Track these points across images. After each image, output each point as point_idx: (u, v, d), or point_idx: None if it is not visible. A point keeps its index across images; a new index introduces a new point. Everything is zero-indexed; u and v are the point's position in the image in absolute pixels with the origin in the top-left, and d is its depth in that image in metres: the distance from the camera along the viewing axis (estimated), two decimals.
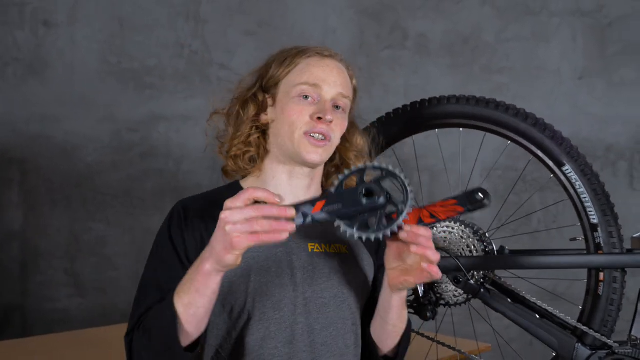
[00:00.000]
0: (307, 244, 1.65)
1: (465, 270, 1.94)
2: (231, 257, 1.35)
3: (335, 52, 1.71)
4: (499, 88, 4.07)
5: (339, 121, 1.65)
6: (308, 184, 1.70)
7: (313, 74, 1.64)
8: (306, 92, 1.63)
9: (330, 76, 1.65)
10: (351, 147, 1.76)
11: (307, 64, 1.66)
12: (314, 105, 1.63)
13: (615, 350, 1.86)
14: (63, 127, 3.98)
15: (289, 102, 1.64)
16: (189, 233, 1.62)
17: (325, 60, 1.67)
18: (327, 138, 1.63)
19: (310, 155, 1.62)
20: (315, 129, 1.61)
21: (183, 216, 1.65)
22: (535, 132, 1.95)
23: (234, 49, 4.11)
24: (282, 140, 1.65)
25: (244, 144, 1.68)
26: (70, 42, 3.98)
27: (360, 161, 1.75)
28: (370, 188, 1.40)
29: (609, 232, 1.90)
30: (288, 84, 1.65)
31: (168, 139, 4.09)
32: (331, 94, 1.64)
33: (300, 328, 1.60)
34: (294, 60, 1.67)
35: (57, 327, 3.92)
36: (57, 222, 4.00)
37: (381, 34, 4.20)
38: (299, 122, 1.62)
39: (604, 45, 4.07)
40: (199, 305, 1.44)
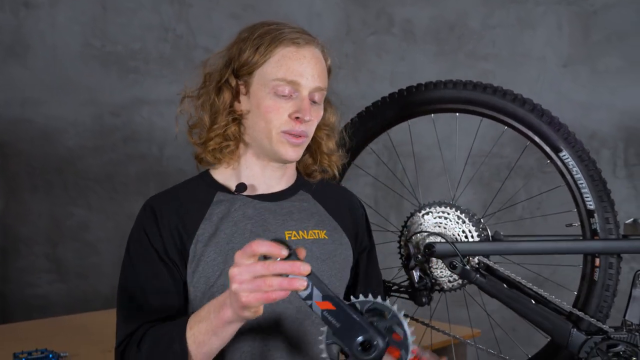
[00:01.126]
0: (284, 232, 1.62)
1: (461, 256, 1.93)
2: (248, 314, 1.32)
3: (310, 36, 1.63)
4: (484, 74, 4.07)
5: (316, 114, 1.61)
6: (282, 174, 1.67)
7: (290, 68, 1.56)
8: (283, 89, 1.56)
9: (307, 69, 1.57)
10: (323, 126, 1.70)
11: (283, 55, 1.57)
12: (292, 102, 1.57)
13: (610, 335, 1.86)
14: (44, 110, 3.92)
15: (264, 98, 1.57)
16: (166, 230, 1.57)
17: (302, 51, 1.58)
18: (305, 135, 1.59)
19: (289, 154, 1.59)
20: (293, 129, 1.57)
21: (157, 215, 1.58)
22: (532, 118, 1.94)
23: (218, 32, 4.07)
24: (259, 135, 1.60)
25: (222, 137, 1.61)
26: (51, 24, 3.92)
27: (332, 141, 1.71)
28: (370, 340, 1.28)
29: (606, 218, 1.89)
30: (263, 75, 1.58)
31: (151, 123, 4.05)
32: (308, 89, 1.58)
33: (277, 316, 1.58)
34: (269, 49, 1.57)
35: (38, 313, 3.88)
36: (38, 207, 3.95)
37: (367, 20, 4.18)
38: (277, 121, 1.57)
39: (588, 33, 4.08)
40: (214, 347, 1.42)
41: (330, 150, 1.72)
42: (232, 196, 1.63)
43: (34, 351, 2.26)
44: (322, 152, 1.72)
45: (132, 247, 1.60)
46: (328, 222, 1.69)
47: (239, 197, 1.63)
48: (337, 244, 1.68)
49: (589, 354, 1.87)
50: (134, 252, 1.59)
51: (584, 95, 4.09)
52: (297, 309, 1.59)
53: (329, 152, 1.72)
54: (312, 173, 1.73)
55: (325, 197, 1.73)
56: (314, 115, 1.59)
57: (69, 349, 2.37)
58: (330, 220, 1.70)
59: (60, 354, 2.27)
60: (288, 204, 1.66)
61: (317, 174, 1.73)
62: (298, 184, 1.71)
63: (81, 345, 2.45)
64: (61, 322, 2.91)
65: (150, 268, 1.56)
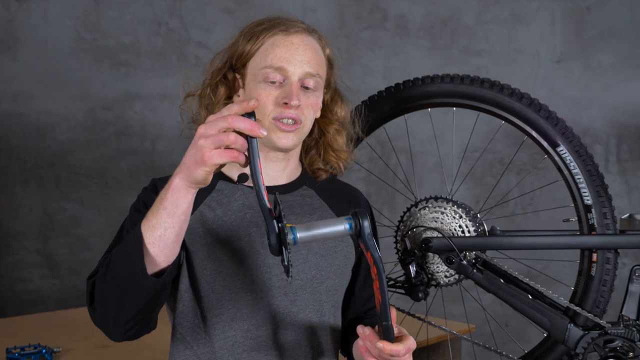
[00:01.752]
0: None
1: (458, 251, 1.93)
2: (201, 173, 1.27)
3: (303, 23, 1.63)
4: (477, 70, 4.07)
5: (309, 101, 1.60)
6: (283, 166, 1.67)
7: (277, 55, 1.57)
8: (271, 76, 1.57)
9: (295, 55, 1.57)
10: (331, 120, 1.71)
11: (271, 44, 1.58)
12: (280, 89, 1.57)
13: (607, 330, 1.86)
14: (36, 105, 3.89)
15: (255, 87, 1.59)
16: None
17: (290, 38, 1.58)
18: (297, 122, 1.58)
19: (281, 140, 1.58)
20: (283, 115, 1.56)
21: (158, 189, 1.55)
22: (530, 112, 1.94)
23: (211, 27, 4.05)
24: None
25: None
26: (43, 18, 3.89)
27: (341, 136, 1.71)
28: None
29: (603, 213, 1.90)
30: (254, 66, 1.60)
31: (144, 117, 4.03)
32: (297, 74, 1.57)
33: (273, 310, 1.58)
34: (259, 39, 1.59)
35: (29, 309, 3.86)
36: (29, 201, 3.92)
37: (361, 14, 4.17)
38: (266, 109, 1.57)
39: (582, 29, 4.09)
40: (167, 226, 1.34)
41: (339, 146, 1.71)
42: (233, 185, 1.64)
43: (26, 346, 2.25)
44: (330, 148, 1.71)
45: (129, 214, 1.61)
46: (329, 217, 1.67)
47: (239, 187, 1.63)
48: (338, 240, 1.67)
49: (586, 349, 1.87)
50: (129, 216, 1.60)
51: (577, 91, 4.09)
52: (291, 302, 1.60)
53: (338, 148, 1.71)
54: (317, 171, 1.72)
55: (329, 194, 1.72)
56: (304, 101, 1.58)
57: (62, 344, 2.36)
58: (332, 215, 1.69)
59: (53, 349, 2.26)
60: (290, 197, 1.66)
61: (322, 172, 1.73)
62: (302, 179, 1.71)
63: (74, 340, 2.44)
64: (53, 317, 2.90)
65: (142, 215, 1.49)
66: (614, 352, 1.84)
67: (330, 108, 1.71)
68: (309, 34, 1.62)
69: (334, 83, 1.72)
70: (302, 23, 1.63)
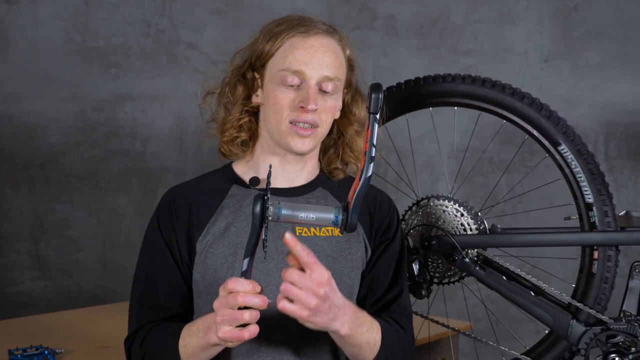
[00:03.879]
0: (295, 228, 1.62)
1: (460, 248, 1.95)
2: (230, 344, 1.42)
3: (324, 24, 1.64)
4: (466, 69, 4.09)
5: (327, 105, 1.60)
6: (301, 167, 1.68)
7: (295, 57, 1.57)
8: (289, 79, 1.57)
9: (313, 59, 1.57)
10: (351, 121, 1.70)
11: (289, 45, 1.59)
12: (298, 92, 1.57)
13: (609, 326, 1.89)
14: (26, 106, 3.88)
15: (273, 89, 1.59)
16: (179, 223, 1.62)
17: (309, 40, 1.59)
18: (314, 125, 1.59)
19: (297, 145, 1.59)
20: (299, 118, 1.57)
21: (171, 208, 1.63)
22: (531, 112, 1.97)
23: (201, 27, 4.05)
24: (270, 127, 1.62)
25: (235, 128, 1.65)
26: (32, 19, 3.87)
27: (361, 137, 1.70)
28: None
29: (604, 212, 1.93)
30: (273, 67, 1.60)
31: (134, 119, 4.03)
32: (315, 78, 1.57)
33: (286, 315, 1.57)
34: (279, 40, 1.60)
35: (21, 311, 3.84)
36: (20, 203, 3.90)
37: (350, 15, 4.19)
38: (284, 111, 1.58)
39: (569, 28, 4.12)
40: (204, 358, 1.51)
41: (359, 147, 1.70)
42: (246, 190, 1.64)
43: (29, 347, 2.24)
44: (349, 149, 1.71)
45: (147, 237, 1.65)
46: None
47: (251, 191, 1.63)
48: (352, 241, 1.66)
49: (589, 344, 1.90)
50: (147, 242, 1.65)
51: (565, 90, 4.13)
52: None
53: (357, 149, 1.70)
54: (335, 171, 1.71)
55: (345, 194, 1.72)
56: (322, 105, 1.58)
57: (63, 345, 2.35)
58: None
59: (55, 350, 2.26)
60: (303, 200, 1.65)
61: (339, 172, 1.72)
62: (318, 181, 1.71)
63: (75, 342, 2.43)
64: (50, 318, 2.88)
65: (161, 259, 1.62)
66: (617, 348, 1.87)
67: (350, 109, 1.70)
68: (329, 35, 1.62)
69: (355, 83, 1.71)
70: (322, 24, 1.63)
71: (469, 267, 1.97)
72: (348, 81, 1.68)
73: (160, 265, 1.63)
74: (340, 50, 1.64)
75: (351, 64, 1.68)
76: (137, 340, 1.59)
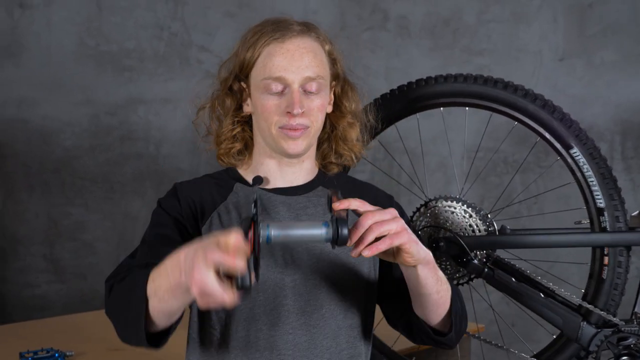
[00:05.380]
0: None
1: (468, 250, 1.94)
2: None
3: (298, 25, 1.62)
4: (480, 69, 4.07)
5: (314, 105, 1.60)
6: (299, 168, 1.68)
7: (274, 64, 1.57)
8: (272, 87, 1.58)
9: (292, 62, 1.57)
10: (344, 113, 1.70)
11: (267, 53, 1.58)
12: (283, 97, 1.58)
13: (621, 328, 1.87)
14: (40, 111, 3.90)
15: (259, 97, 1.60)
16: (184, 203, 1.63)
17: (285, 45, 1.58)
18: (304, 127, 1.60)
19: (290, 147, 1.60)
20: (288, 124, 1.58)
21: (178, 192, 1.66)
22: (543, 114, 1.94)
23: (213, 30, 4.06)
24: (263, 133, 1.64)
25: (229, 140, 1.68)
26: (46, 24, 3.89)
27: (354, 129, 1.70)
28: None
29: (616, 217, 1.90)
30: (255, 77, 1.61)
31: (147, 122, 4.04)
32: (297, 81, 1.57)
33: (286, 310, 1.58)
34: (256, 49, 1.60)
35: (36, 314, 3.86)
36: (35, 207, 3.93)
37: (362, 16, 4.18)
38: (272, 118, 1.59)
39: (584, 26, 4.09)
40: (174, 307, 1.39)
41: (352, 138, 1.71)
42: (249, 188, 1.66)
43: (39, 350, 2.25)
44: (343, 141, 1.71)
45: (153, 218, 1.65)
46: None
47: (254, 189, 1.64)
48: None
49: (600, 347, 1.88)
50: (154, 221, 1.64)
51: (580, 89, 4.10)
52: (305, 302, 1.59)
53: (350, 140, 1.71)
54: (329, 165, 1.73)
55: (345, 194, 1.71)
56: (308, 105, 1.59)
57: (74, 347, 2.36)
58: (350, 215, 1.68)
59: (66, 353, 2.27)
60: (304, 199, 1.66)
61: (333, 166, 1.73)
62: (317, 181, 1.71)
63: (86, 344, 2.44)
64: (63, 321, 2.90)
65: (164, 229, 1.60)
66: (628, 350, 1.85)
67: (342, 100, 1.70)
68: (305, 35, 1.61)
69: (342, 74, 1.69)
70: (297, 25, 1.62)
71: (478, 268, 1.96)
72: (334, 75, 1.67)
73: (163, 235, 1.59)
74: (319, 47, 1.63)
75: (333, 57, 1.66)
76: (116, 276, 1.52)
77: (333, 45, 1.67)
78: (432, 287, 1.49)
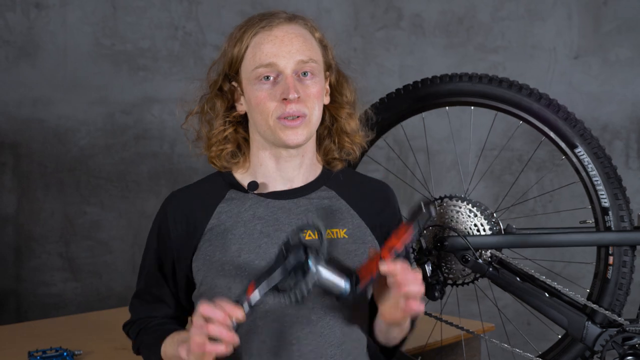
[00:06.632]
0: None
1: (473, 249, 1.93)
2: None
3: (285, 13, 1.61)
4: (494, 67, 4.06)
5: (310, 90, 1.57)
6: (299, 163, 1.64)
7: (264, 52, 1.55)
8: (264, 74, 1.55)
9: (282, 47, 1.55)
10: (342, 104, 1.68)
11: (255, 42, 1.56)
12: (277, 85, 1.55)
13: (626, 327, 1.85)
14: (56, 110, 3.94)
15: (252, 89, 1.57)
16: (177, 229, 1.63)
17: (273, 32, 1.56)
18: (302, 115, 1.56)
19: (290, 137, 1.56)
20: (285, 112, 1.54)
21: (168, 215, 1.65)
22: (548, 113, 1.93)
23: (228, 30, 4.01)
24: (260, 128, 1.59)
25: (220, 142, 1.63)
26: (62, 24, 3.93)
27: (354, 119, 1.69)
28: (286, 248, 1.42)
29: (620, 216, 1.88)
30: (246, 70, 1.58)
31: (162, 121, 4.06)
32: (290, 66, 1.55)
33: (289, 320, 1.56)
34: (244, 42, 1.57)
35: (52, 312, 3.90)
36: (50, 206, 3.96)
37: (376, 14, 4.17)
38: (268, 108, 1.55)
39: (599, 23, 4.06)
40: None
41: (353, 129, 1.68)
42: (243, 194, 1.63)
43: (48, 349, 2.27)
44: (344, 132, 1.68)
45: (149, 238, 1.70)
46: (350, 219, 1.65)
47: (250, 195, 1.61)
48: (358, 242, 1.63)
49: (604, 346, 1.87)
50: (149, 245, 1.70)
51: (595, 87, 4.06)
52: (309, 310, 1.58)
53: (351, 132, 1.68)
54: (333, 162, 1.69)
55: (350, 192, 1.68)
56: (304, 92, 1.56)
57: (83, 346, 2.38)
58: (354, 217, 1.66)
59: (74, 352, 2.28)
60: (305, 201, 1.63)
61: (337, 162, 1.70)
62: (321, 179, 1.68)
63: (95, 343, 2.46)
64: (74, 320, 2.92)
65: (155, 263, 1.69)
66: (633, 350, 1.83)
67: (338, 90, 1.67)
68: (292, 22, 1.59)
69: (335, 64, 1.67)
70: (283, 12, 1.60)
71: (482, 268, 1.95)
72: (327, 64, 1.64)
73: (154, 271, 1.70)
74: (308, 33, 1.61)
75: (324, 44, 1.64)
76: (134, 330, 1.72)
77: (322, 32, 1.65)
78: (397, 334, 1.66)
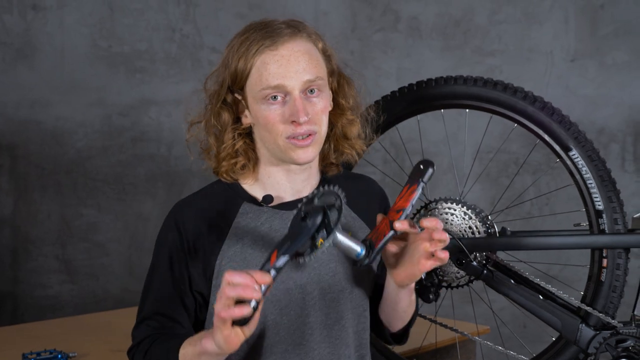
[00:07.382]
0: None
1: (467, 252, 1.93)
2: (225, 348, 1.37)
3: (288, 27, 1.56)
4: (491, 70, 4.06)
5: (317, 107, 1.55)
6: (307, 175, 1.64)
7: (271, 73, 1.51)
8: (271, 95, 1.52)
9: (289, 68, 1.52)
10: (343, 110, 1.65)
11: (261, 62, 1.52)
12: (286, 106, 1.52)
13: (619, 330, 1.85)
14: (53, 112, 3.94)
15: (259, 109, 1.54)
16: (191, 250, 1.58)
17: (279, 51, 1.52)
18: (312, 132, 1.54)
19: (301, 156, 1.55)
20: (295, 133, 1.53)
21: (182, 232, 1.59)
22: (542, 116, 1.93)
23: (225, 32, 4.07)
24: (269, 145, 1.58)
25: (231, 156, 1.59)
26: (59, 26, 3.93)
27: (355, 125, 1.67)
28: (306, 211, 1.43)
29: (614, 219, 1.88)
30: (252, 88, 1.54)
31: (159, 123, 4.07)
32: (297, 87, 1.52)
33: (309, 328, 1.58)
34: (248, 60, 1.54)
35: (48, 314, 3.91)
36: (47, 208, 3.97)
37: (373, 17, 4.18)
38: (277, 129, 1.53)
39: (596, 26, 4.06)
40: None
41: (353, 135, 1.67)
42: (258, 208, 1.61)
43: (42, 352, 2.27)
44: (344, 139, 1.67)
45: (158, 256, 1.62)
46: (352, 221, 1.67)
47: (265, 209, 1.60)
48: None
49: (598, 349, 1.87)
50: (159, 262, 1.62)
51: (592, 90, 4.07)
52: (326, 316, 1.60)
53: (352, 138, 1.67)
54: (328, 167, 1.69)
55: (349, 194, 1.61)
56: (312, 109, 1.54)
57: (78, 348, 2.38)
58: (355, 219, 1.68)
59: (69, 354, 2.28)
60: None
61: (333, 168, 1.69)
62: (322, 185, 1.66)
63: (90, 345, 2.46)
64: (70, 322, 2.92)
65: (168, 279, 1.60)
66: (627, 352, 1.83)
67: (339, 96, 1.65)
68: (296, 37, 1.55)
69: (337, 69, 1.65)
70: (286, 27, 1.56)
71: (476, 270, 1.95)
72: (330, 71, 1.62)
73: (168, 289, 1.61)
74: (312, 47, 1.58)
75: (327, 54, 1.61)
76: (140, 350, 1.58)
77: (324, 40, 1.62)
78: (405, 305, 1.66)
